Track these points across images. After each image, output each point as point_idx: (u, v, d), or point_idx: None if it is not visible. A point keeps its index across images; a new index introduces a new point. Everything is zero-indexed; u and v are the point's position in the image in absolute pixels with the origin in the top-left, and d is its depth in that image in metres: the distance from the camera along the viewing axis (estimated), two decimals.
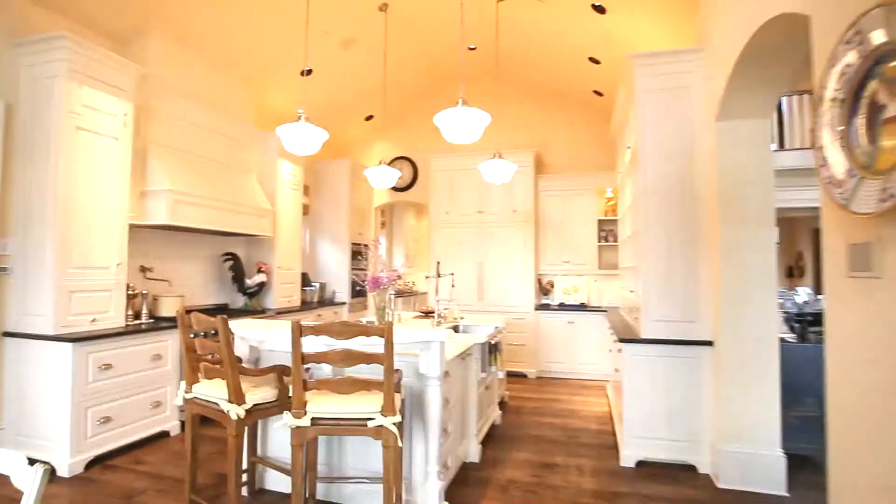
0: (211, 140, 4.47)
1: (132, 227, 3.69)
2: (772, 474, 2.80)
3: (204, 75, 4.49)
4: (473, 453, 3.29)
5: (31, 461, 3.15)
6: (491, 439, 3.70)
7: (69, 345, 3.01)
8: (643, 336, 3.30)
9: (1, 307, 3.21)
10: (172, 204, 3.75)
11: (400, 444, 2.10)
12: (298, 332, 2.03)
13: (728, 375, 2.91)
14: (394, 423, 2.04)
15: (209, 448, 3.44)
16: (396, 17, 5.03)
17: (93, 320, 3.31)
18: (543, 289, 6.38)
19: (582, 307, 5.96)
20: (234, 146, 4.78)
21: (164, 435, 3.65)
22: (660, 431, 3.19)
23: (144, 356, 3.49)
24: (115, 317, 3.46)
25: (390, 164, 7.16)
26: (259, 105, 5.46)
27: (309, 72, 5.34)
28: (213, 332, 2.26)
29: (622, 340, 3.32)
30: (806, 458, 3.05)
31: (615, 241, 6.02)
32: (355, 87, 6.13)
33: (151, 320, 3.80)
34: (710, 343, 3.10)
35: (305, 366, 2.12)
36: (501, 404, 4.55)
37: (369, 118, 7.09)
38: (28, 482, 1.04)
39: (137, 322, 3.69)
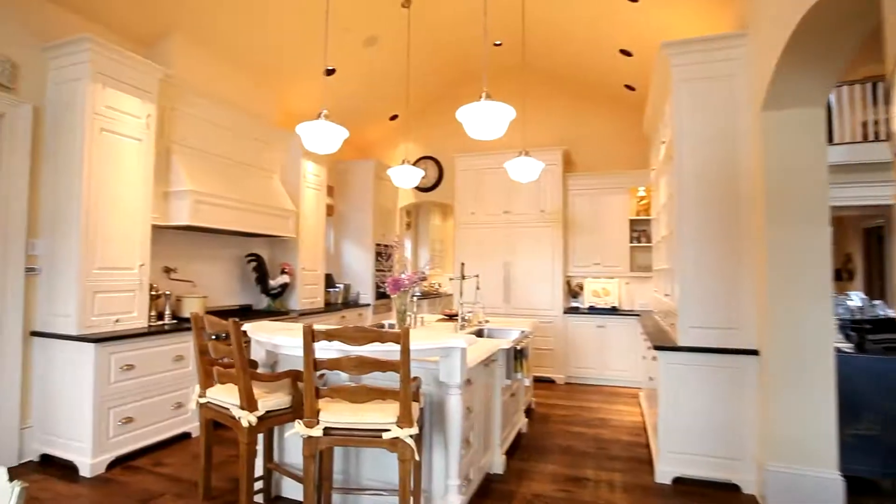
0: (234, 141, 4.46)
1: (156, 227, 3.69)
2: (827, 498, 2.54)
3: (227, 76, 4.50)
4: (497, 464, 3.14)
5: (54, 461, 3.11)
6: (517, 449, 3.54)
7: (92, 345, 3.01)
8: (680, 343, 3.09)
9: (29, 307, 3.25)
10: (195, 205, 3.74)
11: (417, 457, 1.97)
12: (310, 336, 1.93)
13: (776, 388, 2.67)
14: (410, 436, 1.92)
15: (229, 451, 3.40)
16: (420, 13, 4.93)
17: (116, 321, 3.31)
18: (572, 291, 6.16)
19: (613, 311, 5.72)
20: (257, 147, 4.77)
21: (186, 436, 3.64)
22: (699, 446, 2.96)
23: (167, 357, 3.48)
24: (139, 317, 3.47)
25: (415, 164, 7.07)
26: (282, 106, 5.46)
27: (332, 71, 5.30)
28: (226, 334, 2.20)
29: (657, 348, 3.11)
30: (865, 482, 2.78)
31: (648, 241, 5.76)
32: (379, 87, 6.07)
33: (174, 321, 3.79)
34: (754, 352, 2.86)
35: (319, 372, 2.02)
36: (528, 411, 4.38)
37: (394, 118, 7.03)
38: (3, 499, 0.96)
39: (160, 323, 3.69)
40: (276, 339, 2.29)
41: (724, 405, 2.92)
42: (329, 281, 5.98)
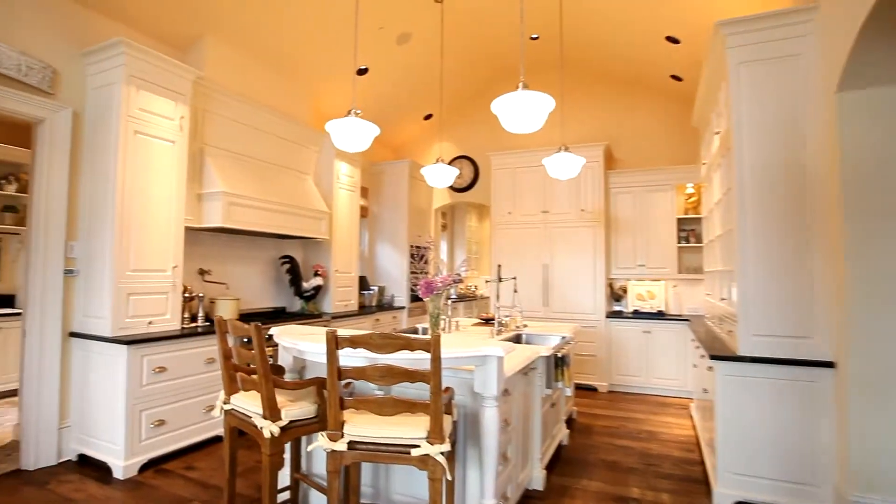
0: (267, 142, 4.44)
1: (190, 229, 3.69)
2: None
3: (260, 77, 4.48)
4: (537, 479, 2.93)
5: (90, 462, 3.08)
6: (557, 463, 3.32)
7: (124, 347, 3.00)
8: (741, 353, 2.79)
9: (68, 308, 3.28)
10: (227, 206, 3.71)
11: (449, 476, 1.80)
12: (334, 343, 1.79)
13: (859, 406, 2.35)
14: (441, 453, 1.75)
15: (258, 455, 3.33)
16: (453, 8, 4.78)
17: (149, 323, 3.30)
18: (615, 294, 5.84)
19: (660, 315, 5.38)
20: (290, 148, 4.73)
21: (218, 439, 3.60)
22: (764, 468, 2.66)
23: (198, 359, 3.45)
24: (172, 319, 3.45)
25: (450, 163, 6.94)
26: (315, 106, 5.42)
27: (364, 70, 5.22)
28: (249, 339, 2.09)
29: (714, 357, 2.82)
30: None
31: (698, 242, 5.39)
32: (412, 85, 5.96)
33: (207, 323, 3.77)
34: (830, 364, 2.54)
35: (345, 381, 1.89)
36: (569, 422, 4.13)
37: (428, 117, 6.91)
38: None
39: (194, 325, 3.67)
40: (301, 345, 2.17)
41: (793, 423, 2.61)
42: (363, 283, 5.90)
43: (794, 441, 2.60)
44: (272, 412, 1.99)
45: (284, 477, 2.57)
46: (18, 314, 4.12)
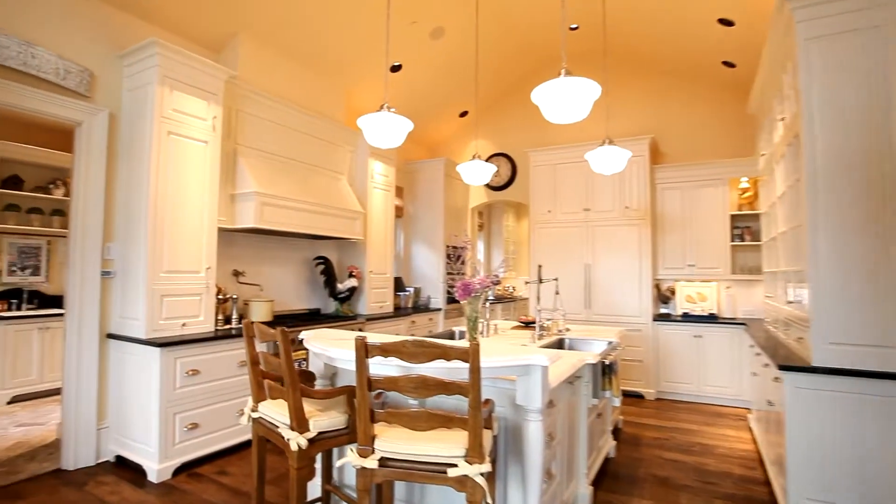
0: (300, 142, 4.38)
1: (223, 230, 3.66)
2: None
3: (293, 76, 4.43)
4: (583, 496, 2.71)
5: (127, 463, 3.03)
6: (604, 477, 3.09)
7: (157, 349, 2.97)
8: (814, 363, 2.49)
9: (105, 310, 3.30)
10: (260, 207, 3.66)
11: (490, 500, 1.63)
12: (363, 351, 1.65)
13: None
14: (481, 474, 1.58)
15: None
16: (487, 0, 4.61)
17: (183, 324, 3.28)
18: (662, 296, 5.51)
19: (712, 318, 5.02)
20: (324, 147, 4.66)
21: (251, 443, 3.54)
22: (845, 494, 2.35)
23: (231, 362, 3.40)
24: (205, 321, 3.42)
25: (487, 161, 6.75)
26: (349, 105, 5.35)
27: (398, 67, 5.11)
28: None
29: (784, 368, 2.53)
30: None
31: (754, 240, 5.00)
32: (447, 82, 5.81)
33: (241, 325, 3.72)
34: None
35: (376, 392, 1.75)
36: (615, 432, 3.88)
37: (464, 114, 6.74)
38: None
39: (228, 327, 3.64)
40: (331, 351, 2.05)
41: (881, 444, 2.29)
42: (399, 285, 5.79)
43: (883, 465, 2.29)
44: (300, 423, 1.87)
45: (316, 487, 2.46)
46: None
